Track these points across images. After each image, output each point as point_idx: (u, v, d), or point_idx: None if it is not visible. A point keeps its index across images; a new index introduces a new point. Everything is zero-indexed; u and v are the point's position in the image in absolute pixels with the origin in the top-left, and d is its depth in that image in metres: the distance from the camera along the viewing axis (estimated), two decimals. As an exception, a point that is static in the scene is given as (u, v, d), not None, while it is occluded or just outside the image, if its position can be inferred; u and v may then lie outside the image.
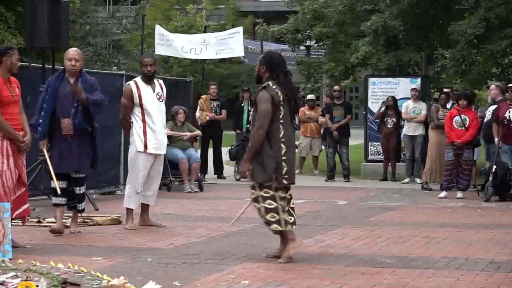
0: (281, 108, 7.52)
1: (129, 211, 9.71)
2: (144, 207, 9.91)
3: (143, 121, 9.63)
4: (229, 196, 13.60)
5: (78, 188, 9.09)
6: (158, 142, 9.69)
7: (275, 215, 7.48)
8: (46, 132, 8.98)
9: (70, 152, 8.96)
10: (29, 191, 11.07)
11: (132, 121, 9.69)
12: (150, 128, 9.63)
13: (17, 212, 8.10)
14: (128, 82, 10.05)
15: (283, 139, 7.49)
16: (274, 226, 7.50)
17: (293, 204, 7.68)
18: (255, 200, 7.57)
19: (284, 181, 7.48)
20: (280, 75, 7.59)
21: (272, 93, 7.47)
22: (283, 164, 7.45)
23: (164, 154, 10.14)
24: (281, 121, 7.51)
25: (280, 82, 7.56)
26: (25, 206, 8.26)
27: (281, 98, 7.50)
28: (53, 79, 9.14)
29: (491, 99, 14.75)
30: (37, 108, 9.10)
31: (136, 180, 9.64)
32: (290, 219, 7.55)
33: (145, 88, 9.69)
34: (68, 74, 9.05)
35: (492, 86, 15.06)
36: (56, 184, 8.91)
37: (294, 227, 7.60)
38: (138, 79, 9.83)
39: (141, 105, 9.61)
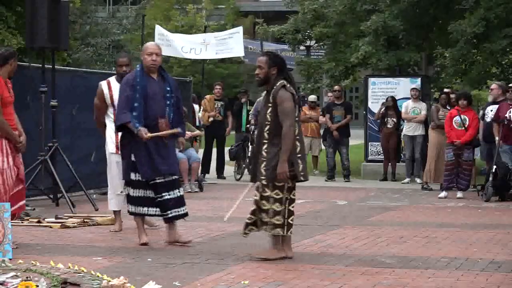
0: (296, 106, 7.56)
1: (115, 212, 9.47)
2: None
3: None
4: (229, 196, 13.58)
5: (173, 192, 8.35)
6: None
7: (281, 218, 7.47)
8: (143, 124, 8.14)
9: (160, 156, 8.27)
10: (29, 191, 11.04)
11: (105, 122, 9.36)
12: None
13: (13, 208, 8.10)
14: (100, 82, 9.52)
15: (297, 137, 7.50)
16: (278, 230, 7.48)
17: (293, 207, 7.60)
18: (264, 199, 7.46)
19: (302, 178, 7.48)
20: (290, 75, 7.64)
21: (292, 92, 7.50)
22: (299, 161, 7.46)
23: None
24: (296, 119, 7.53)
25: (292, 81, 7.59)
26: (21, 203, 8.30)
27: (297, 97, 7.54)
28: (139, 76, 8.33)
29: (493, 98, 14.70)
30: (120, 107, 8.31)
31: (113, 182, 9.31)
32: (292, 219, 7.54)
33: (118, 89, 8.87)
34: (148, 70, 8.35)
35: (494, 86, 14.95)
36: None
37: (291, 230, 7.60)
38: (112, 79, 9.39)
39: (113, 106, 9.12)
